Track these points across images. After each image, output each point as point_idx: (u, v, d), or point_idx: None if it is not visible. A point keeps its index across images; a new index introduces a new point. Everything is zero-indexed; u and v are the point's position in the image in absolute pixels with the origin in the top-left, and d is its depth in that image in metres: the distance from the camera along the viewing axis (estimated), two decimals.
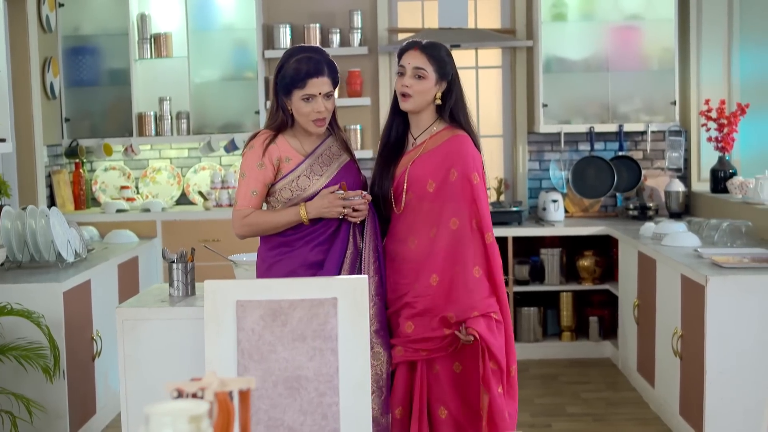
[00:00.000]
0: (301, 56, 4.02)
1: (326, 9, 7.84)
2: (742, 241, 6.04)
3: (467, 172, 3.97)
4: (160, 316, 4.45)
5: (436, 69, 4.02)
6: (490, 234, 3.97)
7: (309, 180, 4.04)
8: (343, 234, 4.06)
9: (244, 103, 7.72)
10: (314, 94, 3.96)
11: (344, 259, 4.05)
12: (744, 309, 5.05)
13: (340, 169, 4.12)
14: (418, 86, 4.01)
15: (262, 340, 3.00)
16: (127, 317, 4.45)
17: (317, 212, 3.98)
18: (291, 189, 4.04)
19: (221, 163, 7.93)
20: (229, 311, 3.01)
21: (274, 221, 4.05)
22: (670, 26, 7.56)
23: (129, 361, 4.46)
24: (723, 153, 7.32)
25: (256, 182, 4.03)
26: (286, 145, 4.05)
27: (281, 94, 4.05)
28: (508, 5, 7.91)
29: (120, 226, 7.25)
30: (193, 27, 7.61)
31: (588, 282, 7.57)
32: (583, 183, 7.73)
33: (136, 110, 7.62)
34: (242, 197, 4.07)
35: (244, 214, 4.08)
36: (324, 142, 4.16)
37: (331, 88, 4.03)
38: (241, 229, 4.13)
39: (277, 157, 4.01)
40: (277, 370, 2.98)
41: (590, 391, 6.63)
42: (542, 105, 7.60)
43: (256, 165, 4.02)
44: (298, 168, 4.05)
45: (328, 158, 4.14)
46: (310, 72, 3.97)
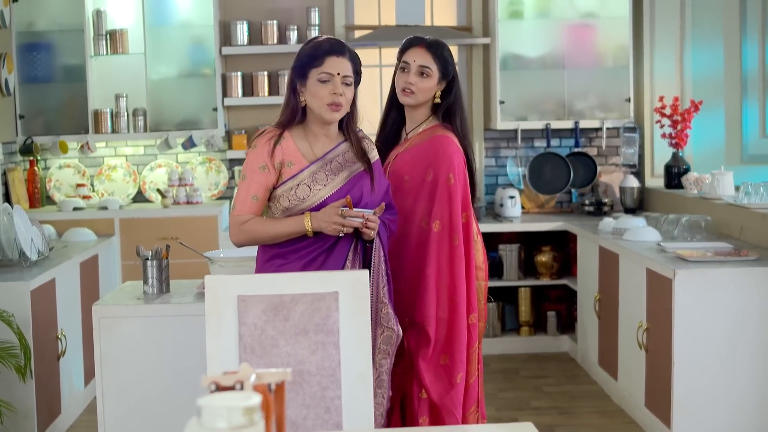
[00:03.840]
0: (322, 38, 3.75)
1: (283, 6, 7.83)
2: (702, 235, 6.14)
3: (442, 173, 4.00)
4: (136, 314, 4.44)
5: (440, 68, 4.07)
6: (458, 236, 3.99)
7: (309, 189, 3.69)
8: (339, 252, 3.72)
9: (201, 100, 7.68)
10: (332, 74, 3.64)
11: None
12: (710, 302, 5.14)
13: (350, 180, 3.74)
14: (422, 84, 4.05)
15: (265, 335, 3.00)
16: (103, 315, 4.43)
17: (318, 225, 3.64)
18: (289, 197, 3.70)
19: (178, 161, 7.88)
20: (230, 306, 3.01)
21: (275, 230, 3.70)
22: (624, 24, 7.65)
23: (105, 359, 4.44)
24: (677, 149, 7.43)
25: (257, 186, 3.69)
26: (292, 146, 3.70)
27: (296, 79, 3.72)
28: (465, 3, 7.96)
29: (77, 224, 7.17)
30: (150, 23, 7.55)
31: (546, 277, 7.65)
32: (539, 179, 7.80)
33: (91, 107, 7.54)
34: (241, 202, 3.74)
35: (243, 220, 3.73)
36: (337, 147, 3.79)
37: (352, 74, 3.70)
38: (238, 237, 3.77)
39: (280, 161, 3.67)
40: (279, 365, 2.98)
41: (552, 385, 6.69)
42: (499, 102, 7.65)
43: (258, 167, 3.68)
44: (299, 175, 3.70)
45: (338, 166, 3.75)
46: (330, 50, 3.67)
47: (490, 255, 7.62)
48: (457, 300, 3.98)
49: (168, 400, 4.39)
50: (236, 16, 7.77)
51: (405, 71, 4.07)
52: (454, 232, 3.99)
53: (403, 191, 4.04)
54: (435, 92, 4.10)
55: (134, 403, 4.43)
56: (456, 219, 4.00)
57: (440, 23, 7.98)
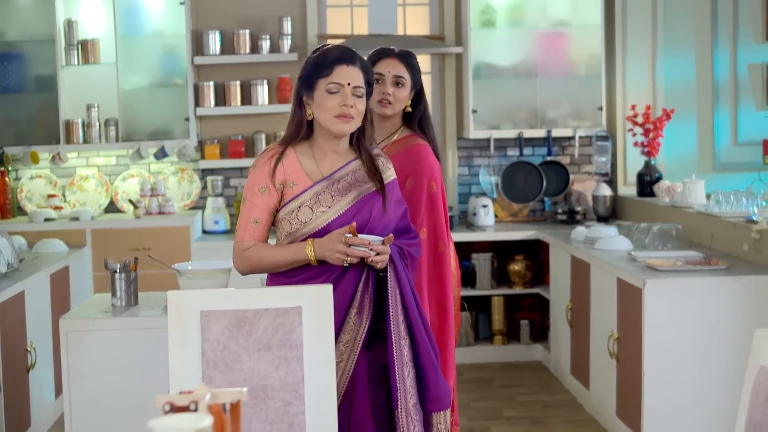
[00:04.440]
0: (330, 46, 3.51)
1: (256, 15, 7.81)
2: (673, 244, 6.15)
3: (423, 180, 4.05)
4: (104, 327, 4.42)
5: (412, 77, 4.12)
6: (442, 243, 4.04)
7: (311, 212, 3.40)
8: (347, 283, 3.39)
9: (173, 110, 7.65)
10: (342, 84, 3.37)
11: (346, 317, 3.36)
12: (680, 311, 5.15)
13: (358, 201, 3.45)
14: (399, 94, 4.09)
15: (227, 351, 2.99)
16: (70, 328, 4.41)
17: (321, 253, 3.34)
18: (290, 221, 3.42)
19: (150, 171, 7.85)
20: (193, 322, 2.99)
21: (276, 258, 3.42)
22: (596, 33, 7.67)
23: (73, 373, 4.42)
24: (649, 157, 7.45)
25: (258, 210, 3.43)
26: (296, 164, 3.45)
27: (302, 90, 3.46)
28: (437, 12, 7.97)
29: (48, 235, 7.13)
30: (122, 33, 7.52)
31: (519, 286, 7.65)
32: (512, 188, 7.81)
33: (63, 117, 7.51)
34: (242, 228, 3.47)
35: (244, 247, 3.47)
36: (347, 166, 3.50)
37: (363, 84, 3.42)
38: (241, 265, 3.51)
39: (281, 181, 3.42)
40: (242, 380, 2.97)
41: (525, 394, 6.69)
42: (472, 111, 7.66)
43: (258, 189, 3.43)
44: (301, 196, 3.41)
45: (347, 186, 3.46)
46: (339, 58, 3.40)
47: (463, 264, 7.61)
48: (446, 305, 4.07)
49: (137, 413, 4.33)
50: (208, 25, 7.75)
51: (379, 83, 4.09)
52: (439, 239, 4.06)
53: None
54: (408, 101, 4.13)
55: (103, 416, 4.41)
56: (441, 226, 4.07)
57: (413, 32, 7.99)
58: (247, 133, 7.79)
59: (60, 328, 4.40)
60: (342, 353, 3.32)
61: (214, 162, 7.71)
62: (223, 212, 7.65)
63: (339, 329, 3.31)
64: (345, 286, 3.36)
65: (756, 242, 5.51)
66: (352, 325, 3.35)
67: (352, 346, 3.35)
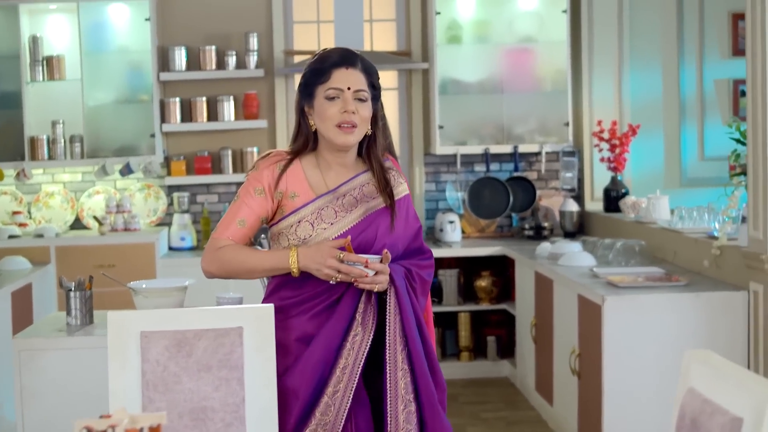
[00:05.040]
0: (329, 49, 3.28)
1: (222, 31, 7.79)
2: (636, 260, 6.15)
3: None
4: (58, 346, 4.39)
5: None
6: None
7: (312, 228, 3.14)
8: (345, 307, 3.13)
9: (139, 126, 7.61)
10: (341, 89, 3.14)
11: (344, 343, 3.11)
12: (640, 328, 5.15)
13: (365, 218, 3.19)
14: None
15: (167, 372, 2.96)
16: (23, 348, 4.37)
17: (305, 264, 3.07)
18: (288, 236, 3.16)
19: (116, 187, 7.82)
20: (133, 342, 2.97)
21: (252, 262, 3.14)
22: (562, 48, 7.68)
23: (26, 393, 4.39)
24: (615, 173, 7.46)
25: (248, 210, 3.17)
26: (300, 175, 3.19)
27: (303, 100, 3.23)
28: (404, 28, 7.97)
29: (12, 252, 7.08)
30: (87, 49, 7.49)
31: (485, 302, 7.64)
32: (479, 204, 7.80)
33: (28, 134, 7.47)
34: (224, 225, 3.20)
35: (219, 245, 3.18)
36: (354, 179, 3.25)
37: (366, 88, 3.19)
38: (211, 264, 3.19)
39: (281, 190, 3.17)
40: (182, 401, 2.95)
41: (489, 411, 6.68)
42: (438, 126, 7.65)
43: (254, 190, 3.18)
44: (302, 209, 3.16)
45: (353, 201, 3.20)
46: (337, 61, 3.17)
47: None
48: (428, 319, 4.05)
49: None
50: (174, 41, 7.73)
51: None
52: None
53: None
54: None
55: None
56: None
57: (379, 48, 7.98)
58: (213, 149, 7.77)
59: (13, 347, 4.37)
60: (339, 380, 3.08)
61: (181, 178, 7.68)
62: (189, 229, 7.62)
63: (336, 354, 3.09)
64: (345, 307, 3.11)
65: (716, 258, 5.51)
66: (351, 350, 3.09)
67: (351, 373, 3.09)
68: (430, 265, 3.35)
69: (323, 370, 3.08)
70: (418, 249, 3.35)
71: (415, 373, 3.13)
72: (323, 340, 3.08)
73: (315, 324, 3.11)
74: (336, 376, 3.09)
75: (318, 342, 3.09)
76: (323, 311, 3.12)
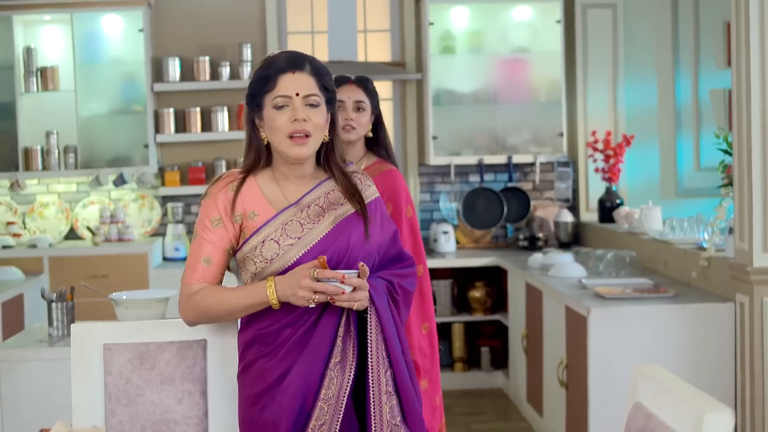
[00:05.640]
0: (276, 53, 2.99)
1: (216, 42, 7.80)
2: (627, 271, 6.13)
3: (401, 206, 4.10)
4: (38, 357, 4.39)
5: (371, 102, 4.18)
6: (422, 266, 4.10)
7: (278, 246, 2.86)
8: (326, 328, 2.87)
9: (132, 137, 7.62)
10: (289, 96, 2.86)
11: (325, 371, 2.85)
12: (625, 339, 5.12)
13: (334, 228, 2.93)
14: (361, 119, 4.14)
15: (130, 384, 2.96)
16: (4, 358, 4.38)
17: (284, 293, 2.80)
18: (254, 260, 2.88)
19: (110, 198, 7.83)
20: (96, 354, 2.97)
21: (230, 302, 2.87)
22: (556, 59, 7.67)
23: (7, 403, 4.39)
24: (610, 183, 7.44)
25: (210, 247, 2.90)
26: (257, 192, 2.94)
27: (253, 113, 2.96)
28: (398, 38, 7.97)
29: (5, 262, 7.09)
30: (81, 60, 7.51)
31: (479, 313, 7.63)
32: (473, 214, 7.79)
33: (22, 144, 7.48)
34: (191, 268, 2.92)
35: (192, 290, 2.90)
36: (317, 188, 2.99)
37: (317, 92, 2.90)
38: (187, 312, 2.92)
39: (239, 212, 2.90)
40: (145, 414, 2.94)
41: (481, 422, 6.66)
42: (432, 137, 7.65)
43: (211, 222, 2.91)
44: (264, 228, 2.89)
45: (319, 211, 2.94)
46: (282, 66, 2.89)
47: None
48: (430, 327, 4.10)
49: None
50: (168, 52, 7.74)
51: (341, 109, 4.12)
52: (419, 262, 4.06)
53: None
54: (369, 126, 4.17)
55: None
56: (420, 250, 4.13)
57: (374, 59, 7.99)
58: (207, 159, 7.78)
59: None
60: (324, 412, 2.82)
61: (175, 189, 7.68)
62: (183, 239, 7.63)
63: (319, 384, 2.83)
64: (323, 332, 2.85)
65: (704, 269, 5.49)
66: (334, 378, 2.83)
67: (336, 403, 2.83)
68: (412, 273, 3.11)
69: (303, 402, 2.82)
70: (397, 255, 3.10)
71: (400, 395, 2.90)
72: (301, 368, 2.83)
73: (293, 354, 2.84)
74: (319, 407, 2.83)
75: (294, 372, 2.83)
76: (301, 338, 2.85)
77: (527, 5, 7.74)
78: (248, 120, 2.97)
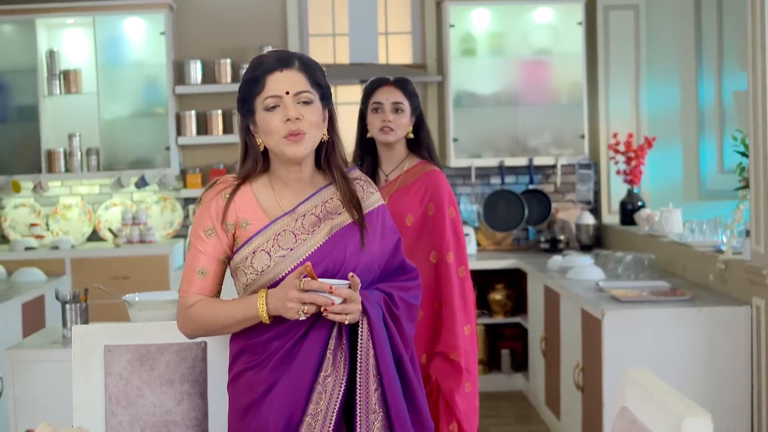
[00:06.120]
0: (263, 54, 2.87)
1: (237, 44, 7.83)
2: (645, 273, 6.10)
3: (444, 206, 4.11)
4: (51, 358, 4.42)
5: (411, 103, 4.18)
6: (463, 268, 4.12)
7: (269, 258, 2.75)
8: (315, 340, 2.75)
9: (154, 139, 7.67)
10: (279, 95, 2.75)
11: (314, 385, 2.74)
12: (640, 342, 5.09)
13: (330, 238, 2.81)
14: (399, 120, 4.15)
15: (130, 385, 2.97)
16: (17, 359, 4.42)
17: (275, 306, 2.68)
18: (245, 270, 2.79)
19: (133, 200, 7.88)
20: (97, 356, 2.99)
21: (223, 317, 2.76)
22: (578, 61, 7.64)
23: (20, 404, 4.43)
24: (631, 185, 7.41)
25: (205, 258, 2.81)
26: (251, 200, 2.82)
27: (247, 119, 2.85)
28: (419, 40, 7.97)
29: (28, 264, 7.15)
30: (103, 63, 7.57)
31: (500, 315, 7.61)
32: (494, 216, 7.78)
33: (45, 147, 7.55)
34: (186, 280, 2.83)
35: (188, 303, 2.82)
36: (315, 195, 2.87)
37: (309, 88, 2.77)
38: (184, 326, 2.83)
39: (232, 221, 2.80)
40: (145, 415, 2.96)
41: (500, 425, 6.64)
42: (453, 139, 7.64)
43: (204, 231, 2.81)
44: (255, 238, 2.78)
45: (315, 221, 2.82)
46: (270, 66, 2.78)
47: None
48: (472, 329, 4.11)
49: None
50: (189, 54, 7.78)
51: (378, 111, 4.15)
52: (461, 263, 4.10)
53: (408, 230, 4.11)
54: (409, 127, 4.19)
55: None
56: (462, 251, 4.14)
57: (395, 61, 7.99)
58: (228, 161, 7.80)
59: (6, 358, 4.41)
60: (312, 428, 2.70)
61: (196, 191, 7.72)
62: None
63: (307, 399, 2.73)
64: (312, 344, 2.74)
65: (721, 272, 5.45)
66: (323, 392, 2.72)
67: (324, 419, 2.70)
68: (416, 285, 2.96)
69: (290, 417, 2.72)
70: (400, 267, 2.96)
71: (390, 415, 2.75)
72: (288, 382, 2.73)
73: (282, 367, 2.74)
74: (306, 423, 2.71)
75: (281, 385, 2.73)
76: (294, 346, 2.74)
77: (548, 7, 7.72)
78: (242, 127, 2.86)
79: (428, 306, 4.08)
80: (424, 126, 4.27)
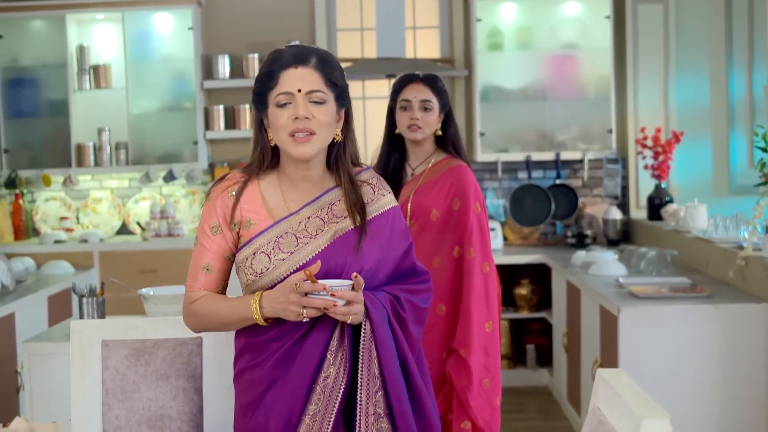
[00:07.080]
0: (280, 48, 2.81)
1: (265, 39, 7.86)
2: (668, 269, 6.07)
3: (469, 201, 4.12)
4: (65, 351, 4.46)
5: (439, 100, 4.20)
6: (488, 263, 4.12)
7: (269, 260, 2.72)
8: (313, 344, 2.71)
9: (182, 134, 7.74)
10: (291, 92, 2.71)
11: (314, 386, 2.69)
12: (655, 338, 5.07)
13: (332, 243, 2.76)
14: (428, 118, 4.17)
15: (126, 380, 3.01)
16: (33, 352, 4.48)
17: (272, 309, 2.65)
18: (245, 271, 2.76)
19: (162, 193, 7.95)
20: (94, 351, 3.03)
21: (223, 314, 2.75)
22: (606, 55, 7.61)
23: (36, 396, 4.49)
24: (659, 180, 7.36)
25: (210, 255, 2.79)
26: (257, 199, 2.78)
27: (260, 112, 2.81)
28: (447, 35, 7.97)
29: (57, 257, 7.24)
30: (132, 58, 7.64)
31: (525, 310, 7.60)
32: (520, 211, 7.76)
33: (75, 141, 7.63)
34: (192, 274, 2.82)
35: (192, 298, 2.80)
36: (322, 197, 2.83)
37: (322, 88, 2.72)
38: (189, 320, 2.83)
39: (237, 220, 2.77)
40: (141, 409, 3.00)
41: (522, 420, 6.64)
42: (480, 133, 7.64)
43: (210, 228, 2.79)
44: (257, 239, 2.76)
45: (320, 224, 2.77)
46: (286, 61, 2.73)
47: None
48: (493, 325, 4.09)
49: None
50: (218, 49, 7.83)
51: (406, 109, 4.17)
52: (485, 259, 4.11)
53: (433, 225, 4.13)
54: (438, 124, 4.20)
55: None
56: (486, 246, 4.14)
57: (422, 55, 8.00)
58: None
59: (23, 351, 4.47)
60: (310, 428, 2.66)
61: None
62: None
63: (306, 400, 2.69)
64: (312, 346, 2.70)
65: (741, 269, 5.41)
66: (322, 394, 2.68)
67: (323, 421, 2.66)
68: (426, 289, 2.90)
69: (289, 418, 2.69)
70: (410, 270, 2.89)
71: (394, 418, 2.71)
72: (287, 383, 2.70)
73: (281, 368, 2.71)
74: (305, 424, 2.67)
75: (279, 386, 2.70)
76: (293, 347, 2.71)
77: (576, 1, 7.69)
78: (256, 120, 2.82)
79: (451, 301, 4.08)
80: (453, 122, 4.27)
